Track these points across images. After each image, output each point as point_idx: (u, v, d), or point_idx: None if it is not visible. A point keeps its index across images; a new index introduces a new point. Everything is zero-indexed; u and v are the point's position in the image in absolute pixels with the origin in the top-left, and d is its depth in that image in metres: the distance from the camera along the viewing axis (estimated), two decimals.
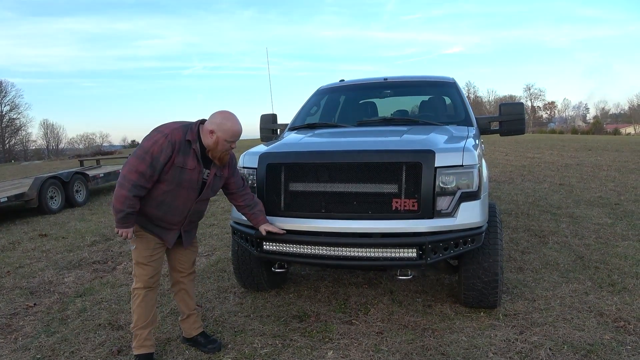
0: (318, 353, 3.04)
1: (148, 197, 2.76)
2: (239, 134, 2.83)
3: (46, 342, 3.35)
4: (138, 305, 2.92)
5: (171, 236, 2.94)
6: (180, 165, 2.72)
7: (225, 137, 2.77)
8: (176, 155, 2.69)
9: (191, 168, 2.76)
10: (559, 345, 2.99)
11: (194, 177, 2.80)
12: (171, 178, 2.73)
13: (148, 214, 2.82)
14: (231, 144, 2.81)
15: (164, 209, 2.82)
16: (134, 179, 2.63)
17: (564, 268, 4.44)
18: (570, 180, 10.13)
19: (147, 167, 2.64)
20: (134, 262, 2.91)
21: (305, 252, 3.19)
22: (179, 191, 2.79)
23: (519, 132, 4.55)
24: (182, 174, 2.75)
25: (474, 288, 3.37)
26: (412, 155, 3.08)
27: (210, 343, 3.15)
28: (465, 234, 3.05)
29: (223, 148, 2.80)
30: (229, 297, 4.08)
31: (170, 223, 2.89)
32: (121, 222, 2.70)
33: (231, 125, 2.78)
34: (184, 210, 2.88)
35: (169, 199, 2.79)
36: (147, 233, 2.87)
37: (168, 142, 2.67)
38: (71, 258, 5.63)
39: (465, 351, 2.97)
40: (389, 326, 3.38)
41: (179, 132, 2.73)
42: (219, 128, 2.76)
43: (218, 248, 5.74)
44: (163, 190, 2.76)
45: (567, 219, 6.43)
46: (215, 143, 2.77)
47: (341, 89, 5.43)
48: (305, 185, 3.26)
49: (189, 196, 2.85)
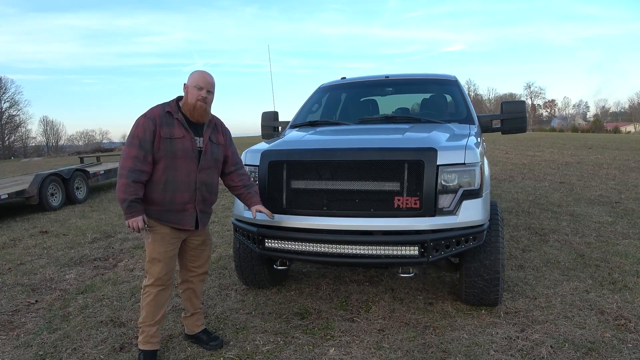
0: (320, 350, 3.05)
1: (152, 183, 2.78)
2: (206, 80, 2.88)
3: (48, 339, 3.36)
4: (148, 303, 2.90)
5: (188, 218, 2.91)
6: (168, 136, 2.76)
7: (193, 84, 2.84)
8: (160, 128, 2.75)
9: (180, 136, 2.80)
10: (560, 343, 3.00)
11: (186, 145, 2.82)
12: (165, 152, 2.76)
13: (159, 201, 2.82)
14: (201, 90, 2.84)
15: (171, 187, 2.81)
16: (130, 165, 2.68)
17: (564, 266, 4.44)
18: (570, 178, 10.14)
19: (137, 149, 2.70)
20: (148, 259, 2.89)
21: (307, 249, 3.19)
22: (177, 163, 2.80)
23: (520, 131, 4.56)
24: (173, 145, 2.78)
25: (475, 286, 3.38)
26: (414, 153, 3.08)
27: (212, 340, 3.15)
28: (467, 232, 3.06)
29: (194, 97, 2.83)
30: (230, 294, 4.09)
31: (183, 202, 2.87)
32: (128, 211, 2.69)
33: (197, 73, 2.88)
34: (189, 183, 2.86)
35: (170, 175, 2.80)
36: (163, 226, 2.85)
37: (148, 119, 2.75)
38: (72, 255, 5.63)
39: (466, 349, 2.98)
40: (390, 323, 3.39)
41: (157, 109, 2.83)
42: (188, 80, 2.88)
43: (219, 245, 5.74)
44: (162, 168, 2.78)
45: (568, 217, 6.43)
46: (187, 94, 2.86)
47: (343, 86, 5.42)
48: (307, 183, 3.27)
49: (189, 166, 2.85)
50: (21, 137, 70.77)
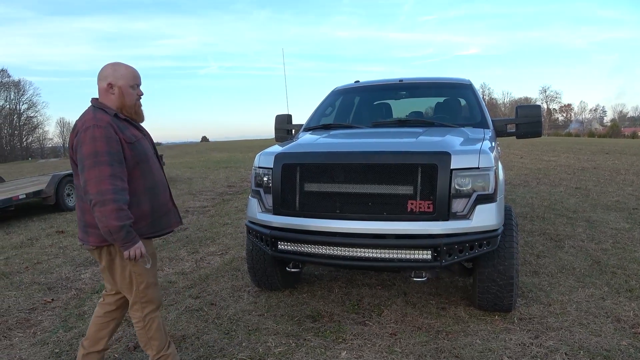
0: (331, 353, 3.05)
1: (136, 196, 2.43)
2: (137, 74, 2.53)
3: (64, 337, 3.41)
4: (156, 330, 2.63)
5: (173, 217, 2.70)
6: (133, 140, 2.44)
7: (128, 83, 2.46)
8: (121, 133, 2.38)
9: (139, 137, 2.52)
10: (574, 351, 2.96)
11: (147, 144, 2.58)
12: (138, 157, 2.45)
13: (149, 212, 2.51)
14: (137, 90, 2.53)
15: (155, 192, 2.55)
16: (109, 187, 2.24)
17: (580, 273, 4.39)
18: (586, 184, 10.00)
19: (109, 167, 2.27)
20: (144, 286, 2.53)
21: (319, 252, 3.20)
22: (151, 164, 2.55)
23: (535, 135, 4.52)
24: (141, 146, 2.49)
25: (489, 291, 3.35)
26: (427, 157, 3.08)
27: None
28: (481, 236, 3.04)
29: (131, 97, 2.49)
30: (243, 295, 4.11)
31: (166, 202, 2.65)
32: (128, 239, 2.30)
33: (125, 68, 2.49)
34: (164, 182, 2.65)
35: (150, 179, 2.52)
36: (151, 244, 2.59)
37: (104, 128, 2.30)
38: (87, 255, 5.70)
39: (479, 354, 2.96)
40: (403, 328, 3.37)
41: (102, 115, 2.37)
42: (116, 77, 2.44)
43: (232, 247, 5.78)
44: (140, 175, 2.47)
45: (584, 223, 6.35)
46: (121, 96, 2.45)
47: (356, 89, 5.43)
48: (321, 186, 3.28)
49: (156, 164, 2.62)
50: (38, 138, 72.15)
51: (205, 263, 5.17)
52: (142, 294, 2.54)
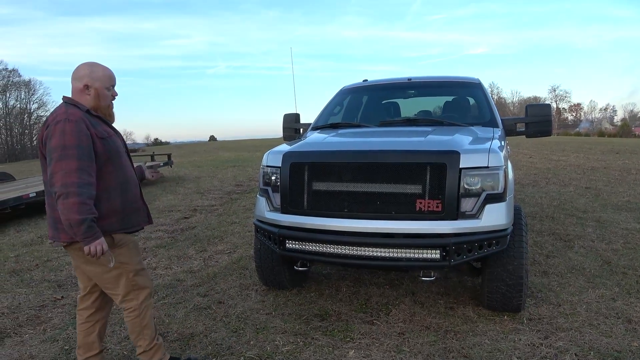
0: (339, 352, 3.04)
1: (107, 192, 2.42)
2: (113, 76, 2.55)
3: (74, 334, 3.43)
4: (150, 318, 2.63)
5: (142, 215, 2.69)
6: (105, 135, 2.43)
7: (104, 85, 2.48)
8: (93, 129, 2.36)
9: (112, 134, 2.52)
10: (585, 352, 2.94)
11: (118, 141, 2.57)
12: (110, 153, 2.44)
13: (120, 208, 2.48)
14: (112, 91, 2.54)
15: (126, 188, 2.53)
16: (75, 180, 2.22)
17: (590, 273, 4.35)
18: (596, 183, 9.91)
19: (77, 160, 2.25)
20: (132, 274, 2.53)
21: (327, 251, 3.20)
22: (122, 161, 2.54)
23: (545, 134, 4.48)
24: (113, 143, 2.48)
25: (498, 291, 3.33)
26: (436, 156, 3.06)
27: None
28: (490, 236, 3.02)
29: (106, 99, 2.51)
30: (250, 294, 4.12)
31: (137, 199, 2.63)
32: (89, 233, 2.24)
33: (102, 69, 2.49)
34: (134, 179, 2.64)
35: (122, 175, 2.51)
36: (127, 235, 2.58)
37: (75, 122, 2.29)
38: None
39: (488, 354, 2.94)
40: (411, 327, 3.36)
41: (74, 110, 2.36)
42: (93, 79, 2.44)
43: (239, 246, 5.79)
44: (112, 171, 2.46)
45: (594, 223, 6.29)
46: (97, 97, 2.46)
47: (364, 89, 5.42)
48: (329, 185, 3.27)
49: (128, 162, 2.62)
50: None
51: (214, 261, 5.19)
52: (133, 281, 2.54)
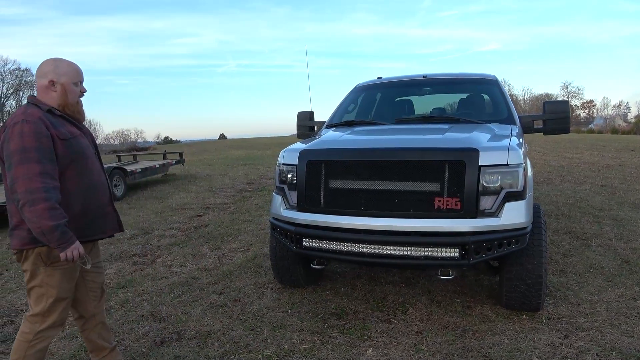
0: (357, 351, 3.03)
1: (69, 196, 2.29)
2: (80, 71, 2.43)
3: None
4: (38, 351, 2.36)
5: (111, 221, 2.55)
6: (68, 137, 2.30)
7: (71, 80, 2.36)
8: (54, 130, 2.24)
9: (77, 134, 2.38)
10: (606, 352, 2.90)
11: (86, 142, 2.44)
12: (74, 155, 2.31)
13: (81, 213, 2.35)
14: (80, 87, 2.43)
15: (91, 193, 2.39)
16: (39, 185, 2.11)
17: (609, 272, 4.29)
18: (612, 181, 9.77)
19: (39, 164, 2.14)
20: (52, 301, 2.32)
21: (345, 249, 3.19)
22: (88, 163, 2.40)
23: (563, 131, 4.43)
24: (78, 145, 2.35)
25: (517, 290, 3.30)
26: (455, 153, 3.03)
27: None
28: (510, 234, 2.99)
29: (74, 95, 2.40)
30: (266, 292, 4.12)
31: (104, 205, 2.49)
32: (63, 239, 2.15)
33: (67, 64, 2.38)
34: (104, 183, 2.50)
35: (87, 179, 2.38)
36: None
37: (33, 123, 2.17)
38: (112, 250, 5.79)
39: (508, 354, 2.91)
40: (429, 326, 3.34)
41: (33, 110, 2.25)
42: (58, 74, 2.33)
43: (254, 244, 5.80)
44: (75, 175, 2.33)
45: (611, 222, 6.20)
46: (64, 93, 2.35)
47: (379, 86, 5.39)
48: (346, 183, 3.26)
49: (96, 164, 2.48)
50: None
51: (228, 259, 5.20)
52: (49, 308, 2.34)
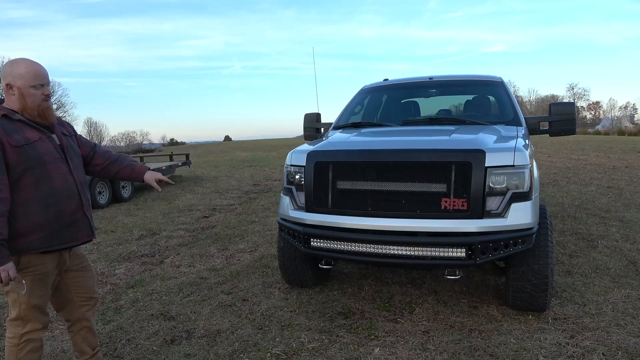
0: (365, 350, 3.07)
1: (23, 206, 2.20)
2: (41, 73, 2.27)
3: (103, 330, 3.51)
4: (28, 352, 2.36)
5: (82, 229, 2.43)
6: (22, 143, 2.19)
7: (28, 83, 2.22)
8: (6, 137, 2.14)
9: (36, 139, 2.25)
10: (612, 351, 2.92)
11: (48, 147, 2.30)
12: (29, 163, 2.20)
13: (41, 224, 2.24)
14: (41, 89, 2.27)
15: (52, 201, 2.27)
16: None
17: (615, 273, 4.30)
18: (618, 183, 9.76)
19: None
20: (25, 307, 2.30)
21: (352, 249, 3.22)
22: (48, 170, 2.27)
23: (569, 133, 4.45)
24: (35, 150, 2.23)
25: (523, 290, 3.32)
26: (462, 154, 3.07)
27: None
28: (516, 234, 3.01)
29: (34, 99, 2.24)
30: (274, 292, 4.16)
31: (72, 212, 2.36)
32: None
33: (24, 66, 2.22)
34: (71, 188, 2.36)
35: (45, 187, 2.25)
36: (45, 262, 2.30)
37: None
38: (121, 251, 5.86)
39: (514, 353, 2.94)
40: (435, 325, 3.37)
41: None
42: (14, 77, 2.21)
43: (260, 244, 5.84)
44: (31, 183, 2.22)
45: (617, 223, 6.21)
46: (22, 97, 2.22)
47: (385, 88, 5.43)
48: (353, 184, 3.30)
49: (62, 169, 2.33)
50: None
51: (235, 260, 5.25)
52: (24, 312, 2.32)
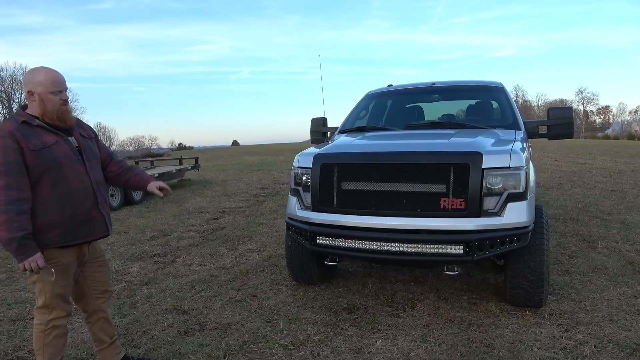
0: (368, 341, 3.24)
1: (42, 205, 2.39)
2: (58, 79, 2.45)
3: (120, 323, 3.71)
4: (55, 337, 2.56)
5: (98, 225, 2.61)
6: (40, 147, 2.36)
7: (48, 90, 2.40)
8: (25, 142, 2.32)
9: (53, 142, 2.42)
10: (604, 343, 3.06)
11: (65, 149, 2.47)
12: (46, 165, 2.37)
13: (60, 221, 2.44)
14: (59, 95, 2.45)
15: (68, 201, 2.45)
16: (4, 198, 2.25)
17: (612, 272, 4.43)
18: (623, 186, 9.84)
19: (6, 177, 2.27)
20: (49, 295, 2.49)
21: (356, 246, 3.40)
22: (65, 172, 2.44)
23: (567, 136, 4.60)
24: (51, 154, 2.40)
25: (520, 287, 3.47)
26: (460, 157, 3.24)
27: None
28: (512, 232, 3.17)
29: (53, 104, 2.43)
30: (281, 289, 4.34)
31: (88, 210, 2.54)
32: (20, 251, 2.27)
33: (44, 74, 2.42)
34: (87, 188, 2.53)
35: (62, 187, 2.43)
36: (66, 254, 2.50)
37: (3, 138, 2.29)
38: (134, 251, 6.07)
39: (510, 345, 3.09)
40: (435, 320, 3.53)
41: (8, 124, 2.38)
42: (34, 84, 2.40)
43: (269, 245, 6.03)
44: (49, 184, 2.40)
45: (618, 225, 6.32)
46: (42, 102, 2.40)
47: (389, 93, 5.61)
48: (357, 184, 3.48)
49: (78, 170, 2.50)
50: None
51: (245, 259, 5.44)
52: (49, 302, 2.51)
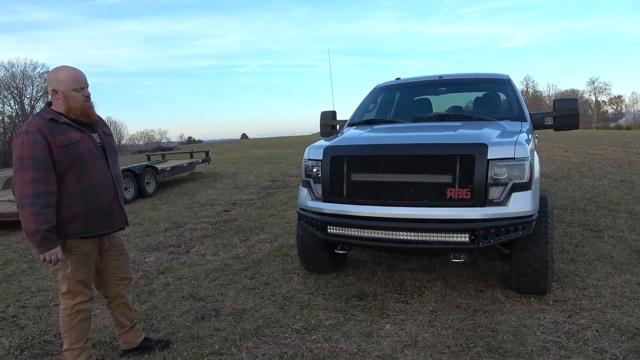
0: (377, 326, 3.37)
1: (67, 199, 2.54)
2: (81, 77, 2.60)
3: (140, 309, 3.88)
4: (80, 321, 2.74)
5: (118, 217, 2.80)
6: (66, 143, 2.51)
7: (70, 87, 2.54)
8: (52, 138, 2.47)
9: (78, 139, 2.57)
10: (605, 328, 3.17)
11: (89, 145, 2.62)
12: (71, 160, 2.52)
13: (83, 213, 2.59)
14: (82, 91, 2.59)
15: (91, 194, 2.61)
16: (30, 191, 2.39)
17: (617, 261, 4.51)
18: (632, 177, 9.84)
19: (33, 171, 2.40)
20: (71, 281, 2.66)
21: (366, 235, 3.53)
22: (88, 166, 2.59)
23: (573, 127, 4.67)
24: (76, 150, 2.54)
25: (525, 274, 3.58)
26: (466, 148, 3.34)
27: (159, 343, 3.15)
28: (516, 221, 3.28)
29: (77, 100, 2.57)
30: (293, 277, 4.49)
31: (108, 203, 2.71)
32: (43, 243, 2.42)
33: (65, 72, 2.56)
34: (108, 182, 2.70)
35: (86, 181, 2.58)
36: (86, 244, 2.66)
37: (32, 134, 2.43)
38: (149, 242, 6.25)
39: (514, 329, 3.21)
40: (442, 306, 3.66)
41: (36, 121, 2.51)
42: (58, 82, 2.54)
43: (280, 235, 6.18)
44: (73, 179, 2.55)
45: (626, 215, 6.38)
46: (66, 99, 2.55)
47: (397, 86, 5.70)
48: (366, 176, 3.60)
49: (100, 165, 2.66)
50: None
51: (257, 249, 5.59)
52: (72, 286, 2.68)
